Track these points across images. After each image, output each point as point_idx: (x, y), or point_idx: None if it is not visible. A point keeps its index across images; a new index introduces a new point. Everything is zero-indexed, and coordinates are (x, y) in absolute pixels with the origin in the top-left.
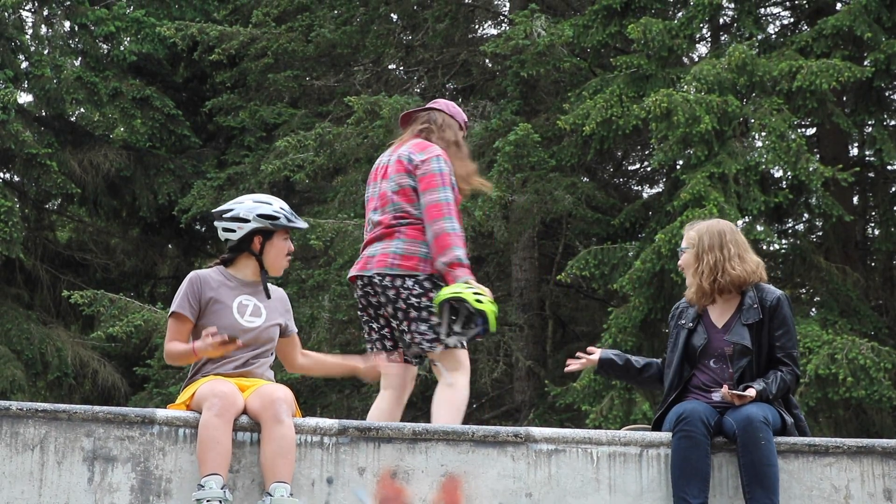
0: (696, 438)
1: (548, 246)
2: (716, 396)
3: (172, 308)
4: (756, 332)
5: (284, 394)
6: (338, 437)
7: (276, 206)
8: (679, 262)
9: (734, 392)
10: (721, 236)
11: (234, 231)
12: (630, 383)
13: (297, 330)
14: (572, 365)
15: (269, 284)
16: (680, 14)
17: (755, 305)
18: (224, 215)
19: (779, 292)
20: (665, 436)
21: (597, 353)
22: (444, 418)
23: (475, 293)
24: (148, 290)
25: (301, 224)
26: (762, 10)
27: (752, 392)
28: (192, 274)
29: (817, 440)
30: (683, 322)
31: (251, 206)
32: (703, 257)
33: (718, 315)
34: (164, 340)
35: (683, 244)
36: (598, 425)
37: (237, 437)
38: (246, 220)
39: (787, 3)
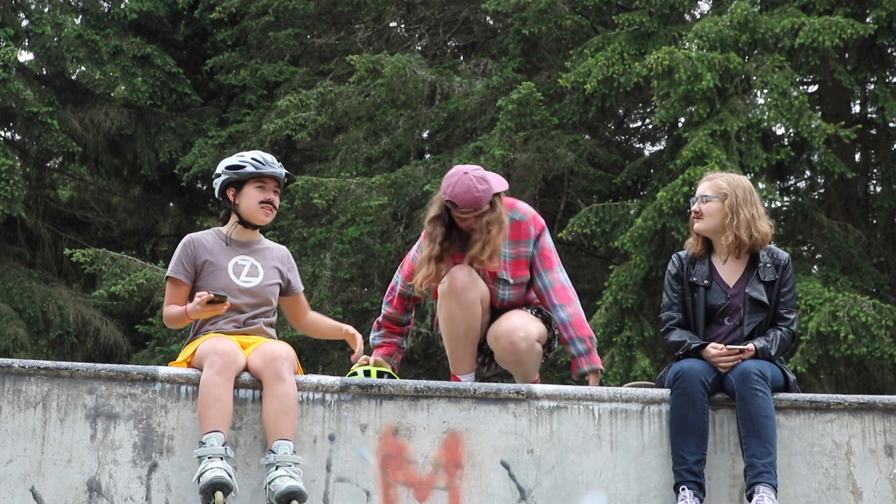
0: (692, 396)
1: (549, 204)
2: (713, 351)
3: (168, 272)
4: (768, 289)
5: (286, 351)
6: (339, 395)
7: (248, 156)
8: (698, 208)
9: (732, 346)
10: (752, 193)
11: (214, 189)
12: None
13: (302, 288)
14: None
15: (271, 243)
16: None
17: (769, 265)
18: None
19: (786, 253)
20: (666, 392)
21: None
22: None
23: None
24: (149, 248)
25: (271, 170)
26: None
27: (750, 346)
28: (186, 237)
29: (819, 397)
30: (696, 280)
31: (224, 160)
32: (739, 211)
33: (729, 273)
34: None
35: (708, 192)
36: (599, 382)
37: (239, 394)
38: (218, 175)
39: None
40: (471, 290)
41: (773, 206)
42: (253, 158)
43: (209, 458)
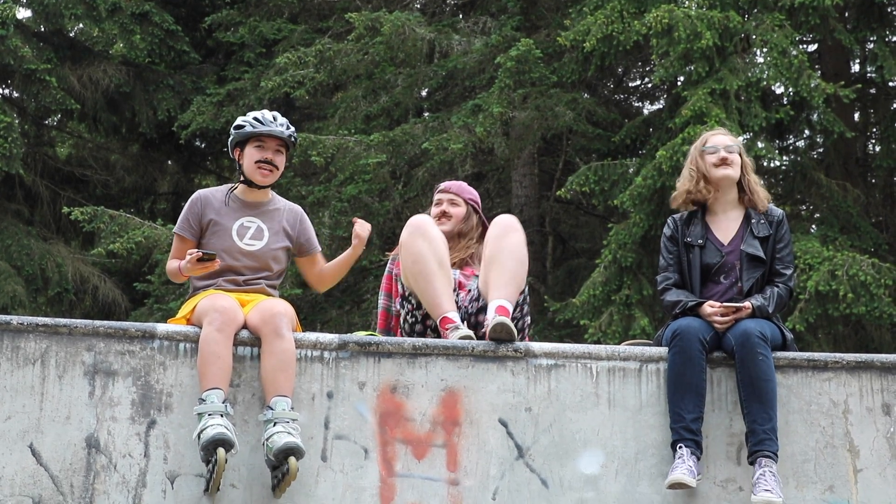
0: (690, 354)
1: (548, 162)
2: (709, 309)
3: (175, 228)
4: (763, 245)
5: (285, 308)
6: (338, 352)
7: (250, 116)
8: (727, 156)
9: (728, 304)
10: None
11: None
12: None
13: (318, 249)
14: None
15: (284, 203)
16: None
17: (762, 221)
18: None
19: (780, 210)
20: (664, 350)
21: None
22: None
23: None
24: (148, 206)
25: (267, 128)
26: None
27: (747, 304)
28: (195, 194)
29: (816, 355)
30: (691, 240)
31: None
32: (746, 160)
33: (723, 232)
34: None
35: (732, 143)
36: (598, 340)
37: (237, 351)
38: (230, 135)
39: None
40: (432, 227)
41: (772, 165)
42: (254, 118)
43: (209, 415)
